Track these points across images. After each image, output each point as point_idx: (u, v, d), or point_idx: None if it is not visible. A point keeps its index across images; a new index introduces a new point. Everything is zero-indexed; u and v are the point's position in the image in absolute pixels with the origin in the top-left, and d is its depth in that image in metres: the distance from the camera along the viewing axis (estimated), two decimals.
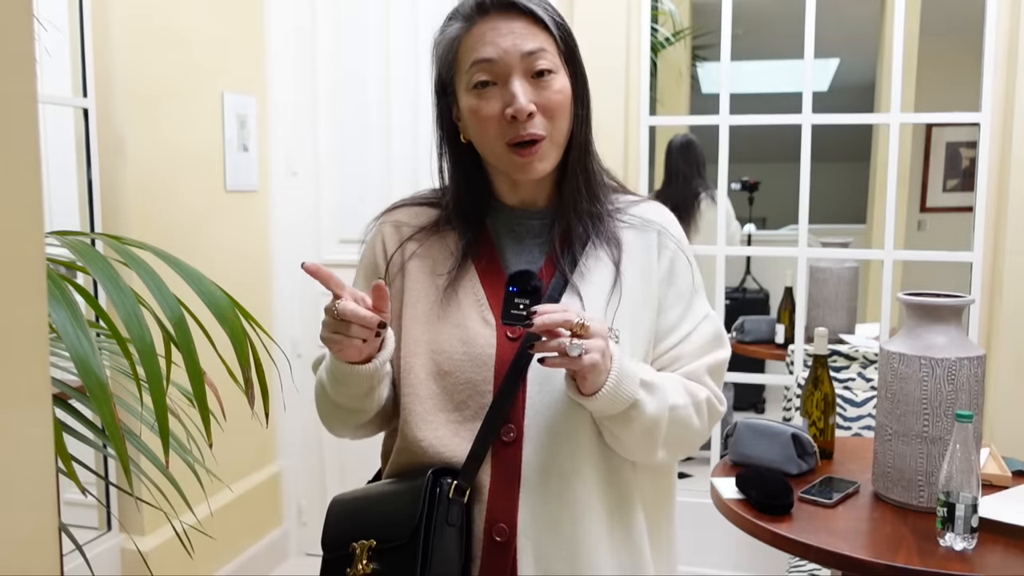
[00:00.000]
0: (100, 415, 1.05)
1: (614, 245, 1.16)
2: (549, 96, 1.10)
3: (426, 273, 1.18)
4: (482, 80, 1.10)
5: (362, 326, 1.02)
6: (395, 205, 1.26)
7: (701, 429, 1.16)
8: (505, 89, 1.09)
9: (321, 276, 1.03)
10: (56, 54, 2.28)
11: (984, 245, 2.57)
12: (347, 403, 1.14)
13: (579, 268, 1.14)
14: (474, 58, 1.10)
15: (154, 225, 2.41)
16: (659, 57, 4.25)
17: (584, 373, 1.01)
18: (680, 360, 1.17)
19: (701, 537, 2.75)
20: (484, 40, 1.10)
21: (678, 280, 1.19)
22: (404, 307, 1.17)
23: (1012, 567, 1.38)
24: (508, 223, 1.20)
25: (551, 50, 1.11)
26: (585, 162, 1.17)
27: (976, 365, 1.55)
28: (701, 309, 1.20)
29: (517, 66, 1.09)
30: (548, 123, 1.10)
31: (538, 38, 1.10)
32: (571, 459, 1.10)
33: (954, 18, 4.79)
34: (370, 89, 2.93)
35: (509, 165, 1.12)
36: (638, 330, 1.14)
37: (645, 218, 1.20)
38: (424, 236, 1.20)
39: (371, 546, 1.08)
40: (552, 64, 1.11)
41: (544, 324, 0.98)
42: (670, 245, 1.19)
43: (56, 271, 1.23)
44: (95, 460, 2.27)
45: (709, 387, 1.17)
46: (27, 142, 0.50)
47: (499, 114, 1.09)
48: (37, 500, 0.52)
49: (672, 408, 1.10)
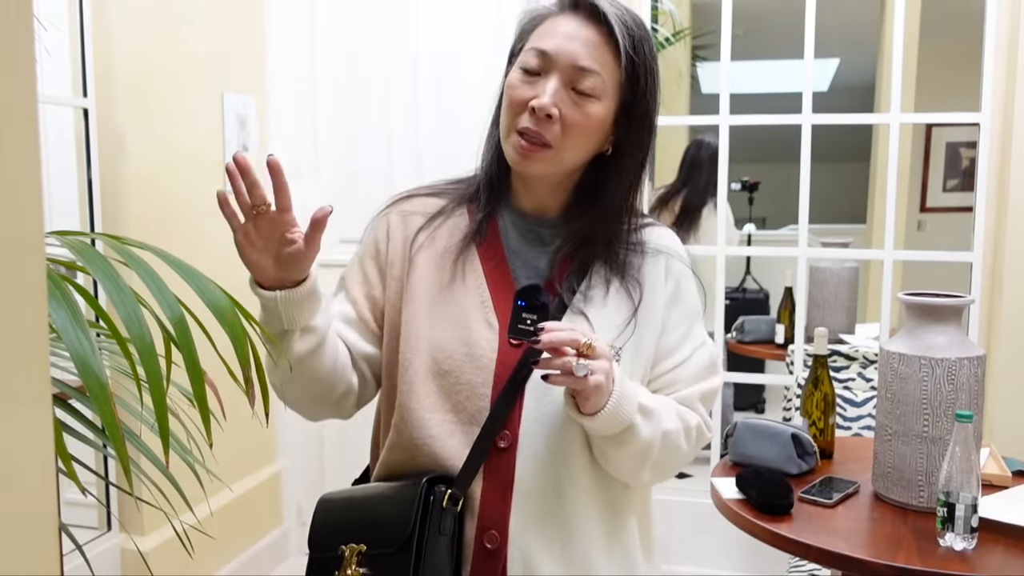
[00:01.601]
0: (100, 415, 1.05)
1: (634, 281, 1.15)
2: (576, 113, 1.09)
3: (432, 266, 1.17)
4: (531, 67, 1.10)
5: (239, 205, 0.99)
6: (406, 195, 1.26)
7: (687, 454, 1.17)
8: (543, 82, 1.09)
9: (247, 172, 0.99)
10: (56, 54, 2.28)
11: (984, 245, 2.56)
12: (293, 362, 1.09)
13: (590, 293, 1.14)
14: (536, 44, 1.11)
15: (154, 225, 2.41)
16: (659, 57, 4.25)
17: (587, 394, 1.01)
18: (676, 385, 1.17)
19: (701, 537, 2.75)
20: (555, 33, 1.11)
21: (683, 302, 1.20)
22: (406, 301, 1.16)
23: (1012, 567, 1.38)
24: (518, 225, 1.19)
25: (607, 78, 1.10)
26: (620, 212, 1.16)
27: (976, 365, 1.55)
28: (700, 335, 1.21)
29: (564, 70, 1.09)
30: (563, 136, 1.09)
31: (602, 59, 1.09)
32: (564, 468, 1.10)
33: (954, 18, 4.79)
34: (370, 89, 2.93)
35: (509, 148, 1.13)
36: (641, 350, 1.15)
37: (656, 245, 1.20)
38: (432, 224, 1.19)
39: (361, 551, 1.08)
40: (597, 91, 1.09)
41: (551, 341, 0.98)
42: (676, 268, 1.20)
43: (56, 271, 1.23)
44: (95, 460, 2.27)
45: (700, 414, 1.18)
46: (27, 142, 0.50)
47: (526, 100, 1.09)
48: (37, 500, 0.52)
49: (665, 433, 1.11)
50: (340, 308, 1.20)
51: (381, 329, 1.19)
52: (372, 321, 1.20)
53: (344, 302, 1.21)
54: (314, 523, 1.15)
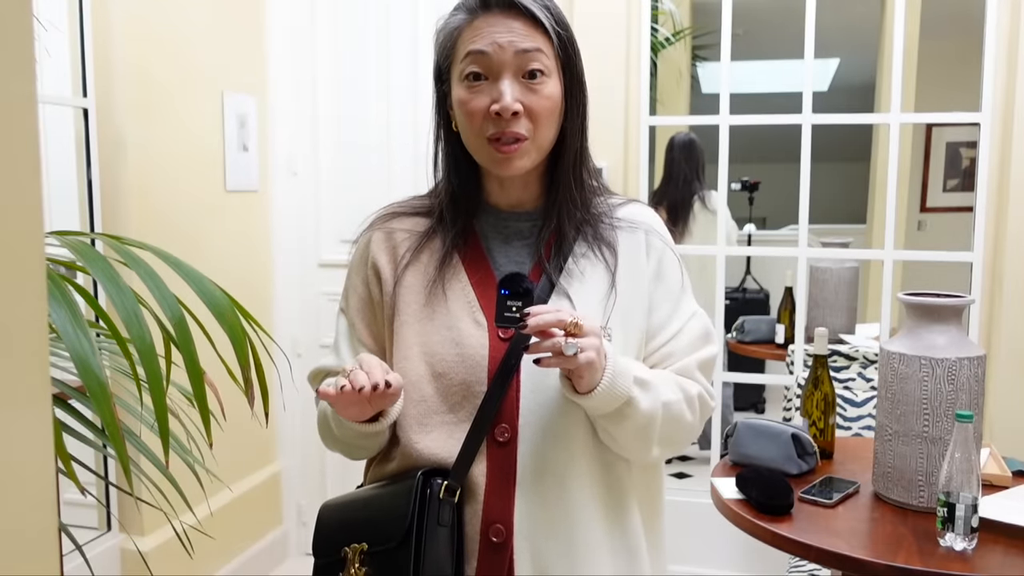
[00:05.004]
0: (100, 415, 1.05)
1: (607, 248, 1.17)
2: (537, 100, 1.10)
3: (418, 279, 1.18)
4: (474, 72, 1.11)
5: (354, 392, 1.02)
6: (388, 213, 1.26)
7: (693, 424, 1.17)
8: (494, 85, 1.10)
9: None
10: (56, 54, 2.28)
11: (984, 245, 2.57)
12: (352, 441, 1.16)
13: (569, 271, 1.15)
14: (468, 49, 1.11)
15: (154, 225, 2.41)
16: (659, 57, 4.24)
17: (580, 372, 1.01)
18: (671, 357, 1.18)
19: (701, 537, 2.75)
20: (481, 33, 1.11)
21: (667, 278, 1.20)
22: (396, 314, 1.17)
23: (1012, 567, 1.38)
24: (496, 225, 1.20)
25: (547, 53, 1.11)
26: (578, 170, 1.18)
27: (976, 365, 1.55)
28: (689, 307, 1.21)
29: (509, 63, 1.09)
30: (532, 125, 1.11)
31: (536, 39, 1.11)
32: (566, 459, 1.10)
33: (954, 18, 4.78)
34: (370, 89, 2.93)
35: (488, 160, 1.13)
36: (630, 329, 1.15)
37: (632, 220, 1.21)
38: (416, 243, 1.20)
39: (363, 550, 1.08)
40: (545, 67, 1.11)
41: (538, 325, 0.99)
42: (657, 244, 1.20)
43: (56, 271, 1.23)
44: (95, 460, 2.27)
45: (700, 382, 1.18)
46: (27, 142, 0.50)
47: (485, 109, 1.10)
48: (37, 500, 0.52)
49: (665, 404, 1.11)
50: (357, 354, 1.22)
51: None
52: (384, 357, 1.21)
53: (358, 347, 1.22)
54: (316, 529, 1.16)
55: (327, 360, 1.24)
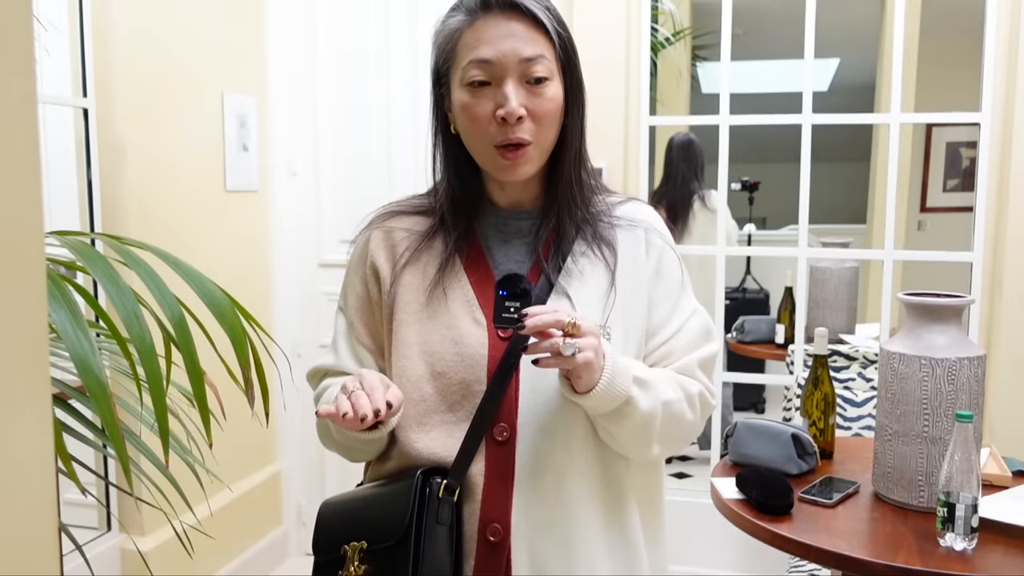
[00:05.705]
0: (100, 415, 1.05)
1: (607, 246, 1.17)
2: (541, 103, 1.10)
3: (417, 279, 1.18)
4: (478, 80, 1.10)
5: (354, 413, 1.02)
6: (387, 212, 1.25)
7: (694, 423, 1.17)
8: (498, 91, 1.10)
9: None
10: (56, 54, 2.28)
11: (984, 245, 2.57)
12: (351, 445, 1.16)
13: (569, 270, 1.15)
14: (472, 57, 1.10)
15: (154, 225, 2.41)
16: (659, 57, 4.25)
17: (578, 372, 1.01)
18: (672, 355, 1.18)
19: (701, 537, 2.75)
20: (484, 39, 1.10)
21: (666, 277, 1.20)
22: (394, 313, 1.17)
23: (1012, 567, 1.38)
24: (496, 224, 1.20)
25: (549, 56, 1.11)
26: (577, 169, 1.18)
27: (976, 365, 1.55)
28: (689, 305, 1.21)
29: (513, 70, 1.09)
30: (536, 129, 1.11)
31: (538, 43, 1.10)
32: (565, 458, 1.10)
33: (954, 18, 4.78)
34: (370, 89, 2.93)
35: (493, 166, 1.13)
36: (630, 328, 1.15)
37: (631, 218, 1.21)
38: (416, 243, 1.20)
39: (362, 548, 1.09)
40: (548, 71, 1.11)
41: (536, 326, 0.99)
42: (657, 242, 1.20)
43: (56, 271, 1.23)
44: (95, 460, 2.27)
45: (701, 381, 1.18)
46: (27, 142, 0.50)
47: (490, 114, 1.10)
48: (37, 500, 0.52)
49: (665, 403, 1.11)
50: (356, 354, 1.22)
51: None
52: (382, 357, 1.21)
53: (357, 346, 1.22)
54: (316, 527, 1.16)
55: (326, 359, 1.24)
